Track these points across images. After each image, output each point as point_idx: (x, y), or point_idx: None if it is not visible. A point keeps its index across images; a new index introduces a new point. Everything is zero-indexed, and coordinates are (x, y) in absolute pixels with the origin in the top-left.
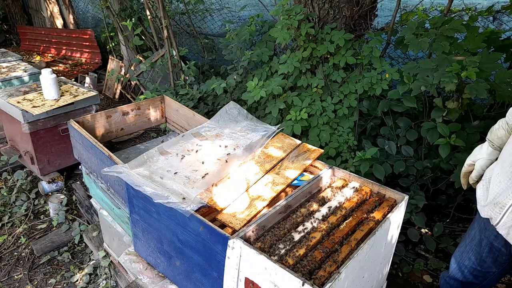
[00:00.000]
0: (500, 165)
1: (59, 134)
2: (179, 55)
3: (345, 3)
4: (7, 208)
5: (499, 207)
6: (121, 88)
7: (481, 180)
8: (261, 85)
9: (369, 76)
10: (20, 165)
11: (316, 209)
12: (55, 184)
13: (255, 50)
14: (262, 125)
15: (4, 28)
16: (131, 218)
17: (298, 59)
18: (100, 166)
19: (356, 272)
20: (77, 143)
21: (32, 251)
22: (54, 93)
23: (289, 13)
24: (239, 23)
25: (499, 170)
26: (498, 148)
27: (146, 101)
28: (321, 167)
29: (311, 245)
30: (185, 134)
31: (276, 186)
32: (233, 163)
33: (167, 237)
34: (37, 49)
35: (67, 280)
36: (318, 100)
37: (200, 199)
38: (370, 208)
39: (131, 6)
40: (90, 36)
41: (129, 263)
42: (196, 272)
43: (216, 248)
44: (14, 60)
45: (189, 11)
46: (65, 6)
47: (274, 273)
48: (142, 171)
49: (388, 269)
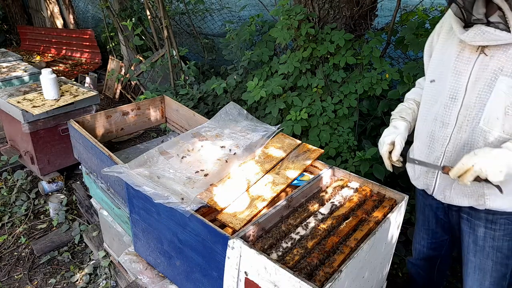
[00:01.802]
0: (418, 139)
1: (59, 134)
2: (179, 55)
3: (345, 3)
4: (7, 208)
5: (431, 172)
6: (121, 88)
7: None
8: (261, 85)
9: (369, 76)
10: (20, 165)
11: (316, 209)
12: (55, 184)
13: (255, 50)
14: (262, 125)
15: (4, 28)
16: (131, 218)
17: (298, 59)
18: (100, 166)
19: (356, 272)
20: (77, 143)
21: (32, 251)
22: (54, 93)
23: (289, 13)
24: (239, 23)
25: (418, 143)
26: (410, 124)
27: (146, 101)
28: (321, 167)
29: (311, 245)
30: (185, 134)
31: (276, 186)
32: (233, 163)
33: (167, 237)
34: (37, 49)
35: (67, 280)
36: (318, 100)
37: (200, 199)
38: (370, 208)
39: (131, 6)
40: (90, 36)
41: (129, 263)
42: (196, 272)
43: (216, 248)
44: (14, 60)
45: (189, 11)
46: (65, 6)
47: (274, 273)
48: (142, 171)
49: (388, 269)
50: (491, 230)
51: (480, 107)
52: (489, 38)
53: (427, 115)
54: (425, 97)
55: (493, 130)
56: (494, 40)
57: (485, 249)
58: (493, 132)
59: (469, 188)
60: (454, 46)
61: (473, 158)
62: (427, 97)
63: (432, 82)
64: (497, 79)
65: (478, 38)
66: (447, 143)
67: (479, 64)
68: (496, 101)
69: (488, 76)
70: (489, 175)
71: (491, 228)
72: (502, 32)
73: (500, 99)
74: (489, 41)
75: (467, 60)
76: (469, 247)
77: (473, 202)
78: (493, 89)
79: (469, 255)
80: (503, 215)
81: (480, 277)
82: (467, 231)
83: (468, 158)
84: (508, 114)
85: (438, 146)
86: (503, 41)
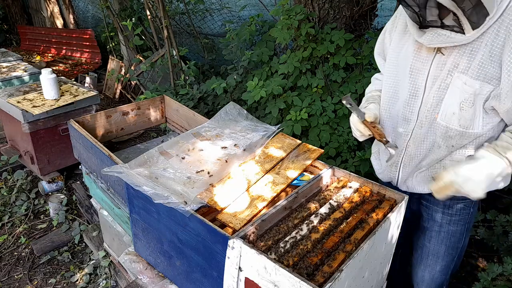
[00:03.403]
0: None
1: (59, 134)
2: (179, 55)
3: (345, 3)
4: (7, 208)
5: (394, 166)
6: (121, 88)
7: (372, 154)
8: (261, 85)
9: (369, 76)
10: (20, 165)
11: (316, 209)
12: (55, 184)
13: (255, 50)
14: (262, 125)
15: (4, 28)
16: (131, 218)
17: (298, 59)
18: (100, 166)
19: (356, 272)
20: (77, 143)
21: (32, 251)
22: (54, 93)
23: (289, 13)
24: (239, 23)
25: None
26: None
27: (146, 101)
28: (321, 167)
29: (311, 245)
30: (185, 134)
31: (276, 186)
32: (233, 163)
33: (167, 237)
34: (37, 49)
35: (67, 280)
36: (318, 100)
37: (200, 199)
38: (370, 208)
39: (131, 6)
40: (90, 36)
41: (129, 263)
42: (196, 272)
43: (216, 248)
44: (14, 60)
45: (189, 11)
46: (65, 6)
47: (274, 273)
48: (142, 171)
49: (388, 269)
50: (448, 215)
51: (437, 103)
52: (445, 40)
53: (391, 111)
54: (386, 94)
55: (451, 124)
56: (450, 43)
57: (441, 234)
58: (450, 126)
59: (428, 175)
60: (410, 45)
61: (452, 176)
62: (389, 95)
63: (391, 80)
64: (453, 76)
65: (435, 41)
66: (409, 138)
67: (436, 63)
68: (452, 97)
69: (445, 74)
70: (469, 193)
71: (448, 214)
72: (457, 35)
73: (456, 95)
74: (445, 43)
75: (425, 59)
76: (425, 232)
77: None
78: (449, 86)
79: (424, 241)
80: (459, 201)
81: (433, 262)
82: (425, 217)
83: (447, 177)
84: (463, 109)
85: (401, 142)
86: (458, 42)
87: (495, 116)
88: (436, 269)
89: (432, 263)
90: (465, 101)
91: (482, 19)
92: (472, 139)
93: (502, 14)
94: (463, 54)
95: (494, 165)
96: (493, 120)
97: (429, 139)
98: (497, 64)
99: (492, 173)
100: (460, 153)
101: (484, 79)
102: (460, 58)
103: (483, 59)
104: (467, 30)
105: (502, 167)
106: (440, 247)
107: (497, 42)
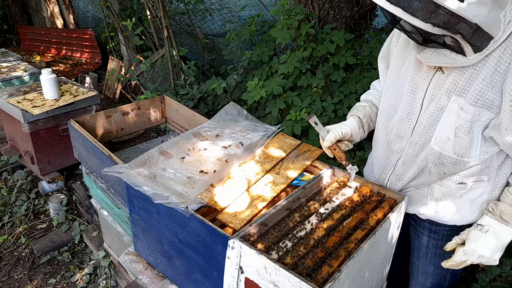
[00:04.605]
0: (376, 147)
1: (59, 134)
2: (179, 55)
3: (345, 3)
4: (7, 208)
5: (380, 181)
6: (121, 88)
7: (366, 165)
8: (261, 85)
9: (369, 76)
10: (20, 165)
11: (316, 209)
12: (55, 184)
13: (255, 50)
14: (262, 125)
15: (4, 28)
16: (131, 218)
17: (298, 59)
18: (100, 166)
19: (356, 272)
20: (77, 143)
21: (32, 251)
22: (54, 93)
23: (289, 13)
24: (239, 23)
25: (376, 151)
26: (359, 118)
27: (146, 101)
28: (321, 167)
29: (311, 245)
30: (185, 134)
31: (276, 186)
32: (233, 163)
33: (167, 237)
34: (37, 49)
35: (67, 280)
36: (318, 100)
37: (200, 199)
38: (370, 208)
39: (131, 6)
40: (90, 36)
41: (129, 263)
42: (196, 272)
43: (216, 248)
44: (14, 60)
45: (189, 11)
46: (65, 6)
47: (274, 273)
48: (142, 171)
49: (388, 269)
50: (434, 240)
51: (432, 124)
52: (444, 60)
53: (387, 124)
54: (384, 106)
55: (445, 151)
56: (449, 63)
57: (428, 255)
58: (444, 152)
59: (416, 196)
60: (412, 58)
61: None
62: (386, 106)
63: (391, 91)
64: (450, 98)
65: (433, 59)
66: (400, 156)
67: (436, 81)
68: (447, 121)
69: (443, 94)
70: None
71: (434, 238)
72: (458, 55)
73: (451, 119)
74: (444, 63)
75: (425, 75)
76: (414, 251)
77: (416, 210)
78: (445, 108)
79: (413, 259)
80: (445, 227)
81: (423, 279)
82: (413, 236)
83: (458, 258)
84: (457, 136)
85: (393, 158)
86: (458, 64)
87: (494, 146)
88: (427, 285)
89: (422, 280)
90: (460, 127)
91: (486, 42)
92: (467, 167)
93: (509, 36)
94: (463, 75)
95: (503, 235)
96: (491, 149)
97: (419, 162)
98: (497, 90)
99: (502, 244)
100: (451, 179)
101: (483, 105)
102: (459, 79)
103: (484, 84)
104: (468, 53)
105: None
106: (428, 267)
107: (500, 67)
